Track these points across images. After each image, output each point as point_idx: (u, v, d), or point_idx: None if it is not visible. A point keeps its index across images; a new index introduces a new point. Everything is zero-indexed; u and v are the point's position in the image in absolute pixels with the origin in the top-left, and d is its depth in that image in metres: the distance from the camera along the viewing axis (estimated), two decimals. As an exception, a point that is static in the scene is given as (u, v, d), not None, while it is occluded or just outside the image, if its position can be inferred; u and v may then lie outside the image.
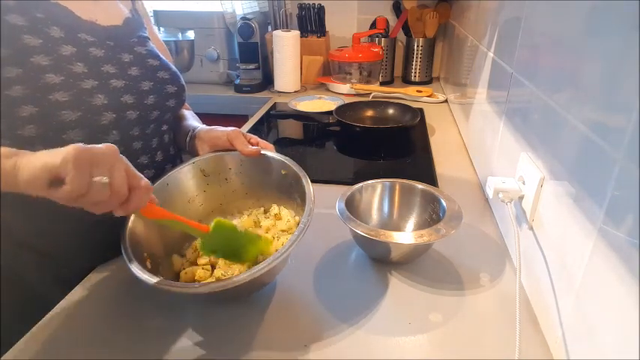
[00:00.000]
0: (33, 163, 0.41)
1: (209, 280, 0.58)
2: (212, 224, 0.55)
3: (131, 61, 0.64)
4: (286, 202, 0.67)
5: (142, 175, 0.47)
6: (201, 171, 0.68)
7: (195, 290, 0.48)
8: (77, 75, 0.56)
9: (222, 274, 0.57)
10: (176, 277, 0.59)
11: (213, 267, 0.60)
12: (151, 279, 0.47)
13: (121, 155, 0.45)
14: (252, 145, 0.68)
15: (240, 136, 0.68)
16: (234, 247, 0.56)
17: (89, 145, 0.42)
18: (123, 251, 0.51)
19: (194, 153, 0.72)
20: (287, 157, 0.66)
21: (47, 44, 0.55)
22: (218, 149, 0.70)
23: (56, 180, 0.41)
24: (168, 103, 0.69)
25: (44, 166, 0.40)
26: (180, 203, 0.66)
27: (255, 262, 0.57)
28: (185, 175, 0.67)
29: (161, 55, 0.70)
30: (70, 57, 0.56)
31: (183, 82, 0.73)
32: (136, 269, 0.49)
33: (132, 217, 0.56)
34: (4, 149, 0.41)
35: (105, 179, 0.42)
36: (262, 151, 0.67)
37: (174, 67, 0.72)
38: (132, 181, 0.45)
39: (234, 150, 0.67)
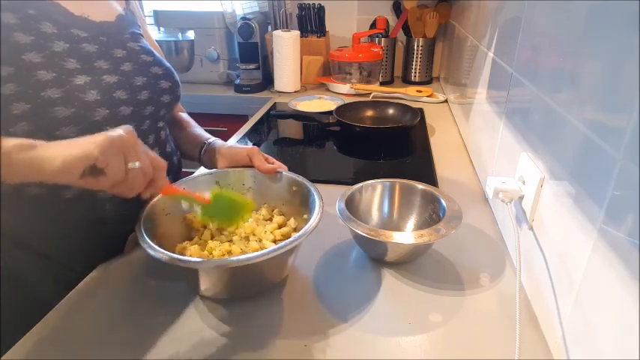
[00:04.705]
0: (66, 154, 0.41)
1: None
2: (212, 195, 0.58)
3: (124, 56, 0.64)
4: (295, 217, 0.69)
5: (155, 153, 0.50)
6: (216, 183, 0.71)
7: (224, 264, 0.50)
8: (69, 71, 0.56)
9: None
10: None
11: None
12: (184, 258, 0.49)
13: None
14: (269, 163, 0.71)
15: (258, 153, 0.72)
16: (228, 213, 0.60)
17: (114, 133, 0.44)
18: (141, 241, 0.52)
19: (210, 166, 0.77)
20: (299, 175, 0.69)
21: (39, 41, 0.54)
22: (236, 165, 0.73)
23: (92, 169, 0.42)
24: (163, 98, 0.69)
25: (81, 157, 0.41)
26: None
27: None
28: (201, 184, 0.70)
29: (155, 52, 0.70)
30: (62, 53, 0.56)
31: (178, 79, 0.73)
32: (158, 252, 0.50)
33: (144, 213, 0.58)
34: (17, 141, 0.42)
35: (137, 164, 0.45)
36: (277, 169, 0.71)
37: (167, 64, 0.72)
38: (153, 161, 0.48)
39: (251, 167, 0.71)
